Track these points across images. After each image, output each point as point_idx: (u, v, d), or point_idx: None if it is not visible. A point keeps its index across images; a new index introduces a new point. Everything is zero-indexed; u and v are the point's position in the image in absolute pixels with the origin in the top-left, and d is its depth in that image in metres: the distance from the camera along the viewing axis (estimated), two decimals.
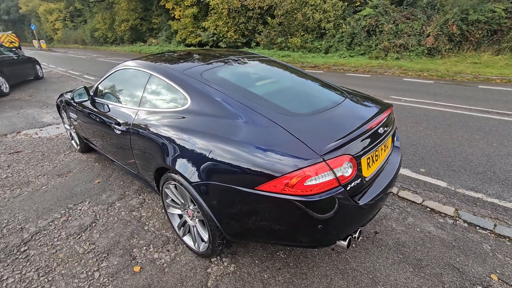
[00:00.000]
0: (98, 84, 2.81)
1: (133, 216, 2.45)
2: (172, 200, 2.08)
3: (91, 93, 2.80)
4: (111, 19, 26.53)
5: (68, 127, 3.82)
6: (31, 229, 2.31)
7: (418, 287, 1.73)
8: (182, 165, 1.69)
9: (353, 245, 2.06)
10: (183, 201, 1.94)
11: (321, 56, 12.75)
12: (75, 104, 3.07)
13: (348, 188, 1.43)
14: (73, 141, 3.86)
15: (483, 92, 6.22)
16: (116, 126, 2.30)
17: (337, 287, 1.76)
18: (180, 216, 2.13)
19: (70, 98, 3.24)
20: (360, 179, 1.51)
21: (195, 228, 1.96)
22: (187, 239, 2.07)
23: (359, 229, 1.61)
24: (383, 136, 1.73)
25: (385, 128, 1.77)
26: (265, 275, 1.86)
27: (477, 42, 10.28)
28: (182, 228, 2.09)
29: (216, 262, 1.96)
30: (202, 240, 1.94)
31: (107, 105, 2.55)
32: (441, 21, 10.55)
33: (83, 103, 2.88)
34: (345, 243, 1.54)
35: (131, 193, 2.79)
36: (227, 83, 1.94)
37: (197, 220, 1.91)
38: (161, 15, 21.78)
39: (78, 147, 3.69)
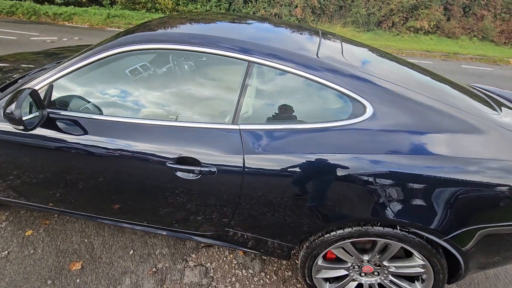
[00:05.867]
0: (53, 82, 1.32)
1: None
2: (325, 260, 1.38)
3: (44, 103, 1.29)
4: None
5: None
6: None
7: None
8: (417, 214, 1.11)
9: None
10: (362, 258, 1.31)
11: None
12: None
13: None
14: None
15: None
16: (178, 166, 1.20)
17: None
18: (332, 280, 1.46)
19: None
20: None
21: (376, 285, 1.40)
22: None
23: None
24: None
25: None
26: None
27: (331, 15, 12.35)
28: None
29: None
30: None
31: (118, 125, 1.27)
32: None
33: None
34: None
35: (167, 263, 1.65)
36: (384, 71, 1.35)
37: (390, 276, 1.35)
38: None
39: None
